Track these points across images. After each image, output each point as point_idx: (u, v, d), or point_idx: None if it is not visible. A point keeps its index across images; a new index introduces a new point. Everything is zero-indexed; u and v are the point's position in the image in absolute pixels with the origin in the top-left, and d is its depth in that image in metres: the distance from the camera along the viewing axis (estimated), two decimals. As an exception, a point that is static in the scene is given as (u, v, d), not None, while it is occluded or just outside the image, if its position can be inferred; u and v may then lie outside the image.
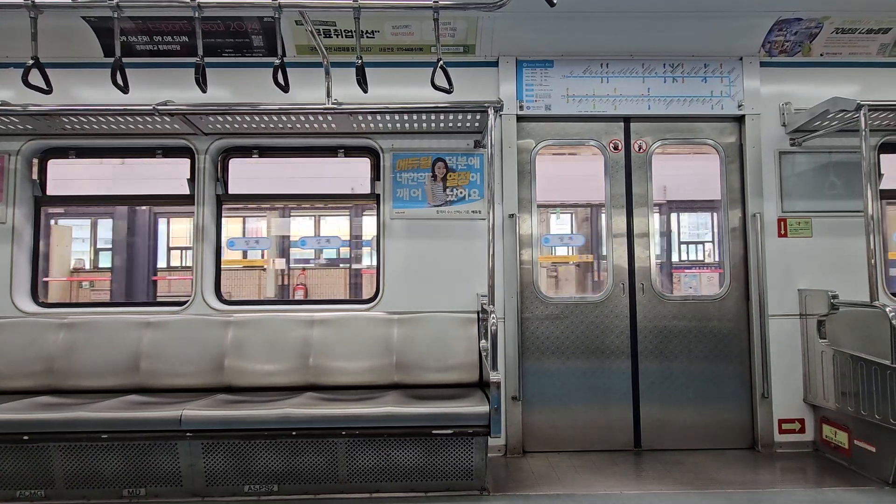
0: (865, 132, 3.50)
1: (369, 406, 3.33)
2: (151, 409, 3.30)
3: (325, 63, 3.81)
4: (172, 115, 3.74)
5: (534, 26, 4.11)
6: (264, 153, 4.41)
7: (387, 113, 3.83)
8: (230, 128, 4.09)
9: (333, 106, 3.76)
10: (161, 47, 4.20)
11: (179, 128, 4.02)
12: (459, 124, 4.08)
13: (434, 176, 4.27)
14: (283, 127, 4.08)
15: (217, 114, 3.79)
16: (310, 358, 3.93)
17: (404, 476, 3.34)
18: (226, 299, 4.34)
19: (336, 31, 4.12)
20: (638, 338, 4.28)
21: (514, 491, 3.46)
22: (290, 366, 3.91)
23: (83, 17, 3.97)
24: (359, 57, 3.34)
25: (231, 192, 4.43)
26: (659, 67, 4.34)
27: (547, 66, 4.33)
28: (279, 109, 3.74)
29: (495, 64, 4.31)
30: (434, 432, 3.25)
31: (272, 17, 3.24)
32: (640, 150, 4.40)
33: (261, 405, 3.35)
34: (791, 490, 3.48)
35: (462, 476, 3.34)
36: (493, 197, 3.65)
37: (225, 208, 4.41)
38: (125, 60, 3.32)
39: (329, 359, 3.93)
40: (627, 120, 4.40)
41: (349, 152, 4.40)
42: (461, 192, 4.27)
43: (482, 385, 3.85)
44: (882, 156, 4.41)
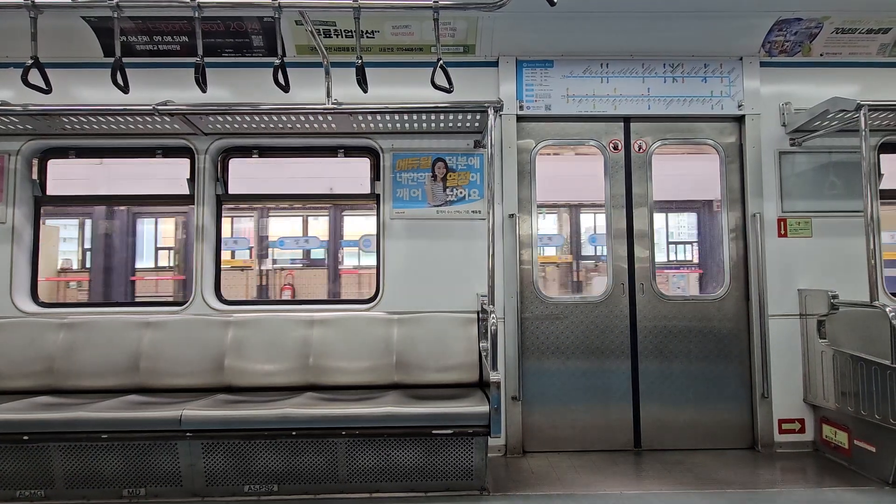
0: (865, 132, 3.50)
1: (369, 406, 3.33)
2: (151, 409, 3.30)
3: (325, 63, 3.81)
4: (172, 115, 3.74)
5: (534, 26, 4.11)
6: (264, 153, 4.41)
7: (387, 113, 3.83)
8: (230, 128, 4.09)
9: (333, 106, 3.76)
10: (161, 47, 4.20)
11: (179, 128, 4.02)
12: (459, 124, 4.08)
13: (434, 176, 4.27)
14: (283, 127, 4.08)
15: (217, 114, 3.79)
16: (310, 358, 3.93)
17: (404, 476, 3.34)
18: (226, 299, 4.34)
19: (336, 31, 4.12)
20: (638, 338, 4.28)
21: (514, 491, 3.46)
22: (290, 366, 3.91)
23: (83, 17, 3.97)
24: (359, 57, 3.34)
25: (231, 192, 4.44)
26: (659, 67, 4.34)
27: (547, 66, 4.33)
28: (279, 109, 3.74)
29: (495, 64, 4.31)
30: (434, 432, 3.25)
31: (272, 17, 3.24)
32: (640, 150, 4.40)
33: (261, 405, 3.35)
34: (791, 490, 3.48)
35: (462, 476, 3.34)
36: (493, 197, 3.65)
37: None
38: (125, 60, 3.32)
39: (329, 359, 3.93)
40: (627, 120, 4.40)
41: (349, 152, 4.41)
42: (461, 192, 4.27)
43: (482, 385, 3.85)
44: (882, 156, 4.40)
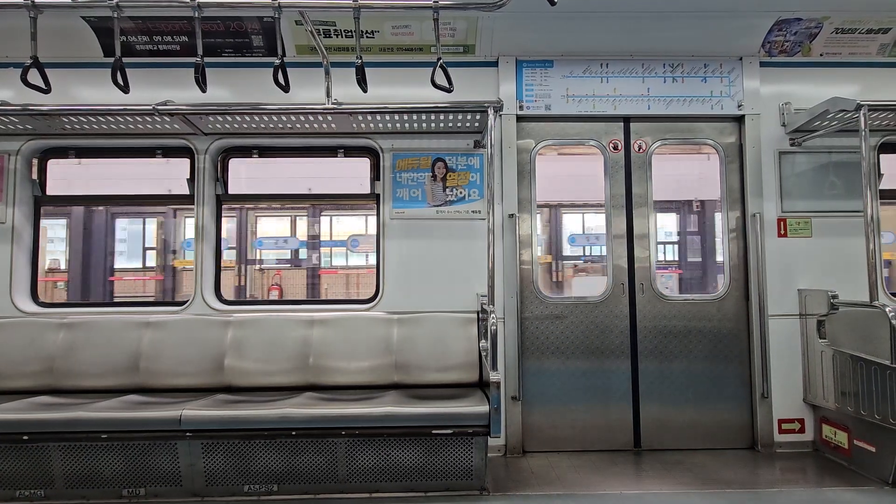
0: (865, 132, 3.50)
1: (369, 406, 3.33)
2: (151, 409, 3.30)
3: (325, 63, 3.81)
4: (172, 115, 3.74)
5: (534, 26, 4.11)
6: (264, 153, 4.41)
7: (386, 113, 3.83)
8: (230, 128, 4.09)
9: (333, 106, 3.75)
10: (161, 47, 4.20)
11: (179, 128, 4.02)
12: (459, 124, 4.08)
13: (434, 176, 4.27)
14: (283, 127, 4.08)
15: (217, 114, 3.79)
16: (309, 358, 3.93)
17: (404, 476, 3.34)
18: (226, 299, 4.34)
19: (336, 31, 4.12)
20: (638, 338, 4.28)
21: (514, 491, 3.45)
22: (290, 366, 3.91)
23: (83, 17, 3.97)
24: (359, 57, 3.34)
25: (231, 193, 4.44)
26: (659, 67, 4.34)
27: (547, 66, 4.33)
28: (279, 109, 3.74)
29: (495, 64, 4.31)
30: (434, 432, 3.25)
31: (272, 17, 3.24)
32: (640, 150, 4.40)
33: (260, 405, 3.35)
34: (791, 490, 3.48)
35: (462, 476, 3.34)
36: (493, 197, 3.65)
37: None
38: (125, 60, 3.31)
39: (329, 359, 3.93)
40: (627, 120, 4.40)
41: (349, 152, 4.41)
42: (461, 192, 4.27)
43: (482, 385, 3.85)
44: (882, 156, 4.40)
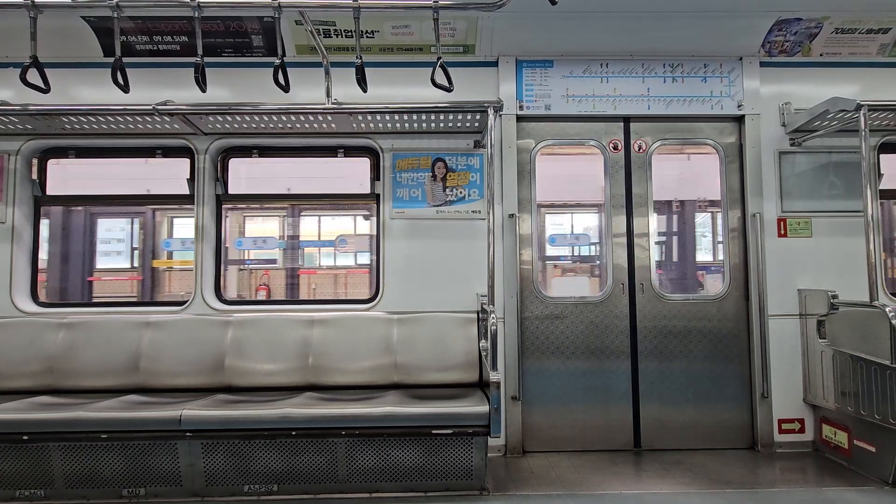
0: (865, 132, 3.50)
1: (369, 406, 3.33)
2: (151, 409, 3.30)
3: (325, 63, 3.81)
4: (172, 115, 3.74)
5: (534, 26, 4.11)
6: (264, 153, 4.41)
7: (386, 113, 3.83)
8: (230, 128, 4.09)
9: (333, 106, 3.76)
10: (161, 47, 4.20)
11: (179, 128, 4.02)
12: (459, 124, 4.08)
13: (434, 176, 4.27)
14: (283, 127, 4.08)
15: (217, 114, 3.79)
16: (309, 358, 3.93)
17: (404, 476, 3.34)
18: (226, 299, 4.34)
19: (336, 31, 4.12)
20: (638, 338, 4.28)
21: (514, 491, 3.45)
22: (290, 366, 3.91)
23: (83, 17, 3.97)
24: (358, 57, 3.34)
25: (231, 192, 4.44)
26: (659, 67, 4.34)
27: (547, 66, 4.33)
28: (279, 109, 3.74)
29: (495, 64, 4.31)
30: (434, 432, 3.25)
31: (272, 17, 3.23)
32: (640, 150, 4.40)
33: (260, 405, 3.35)
34: (791, 490, 3.48)
35: (462, 476, 3.34)
36: (493, 197, 3.65)
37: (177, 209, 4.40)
38: (125, 60, 3.31)
39: (329, 359, 3.93)
40: (627, 120, 4.40)
41: (349, 152, 4.40)
42: (461, 192, 4.26)
43: (482, 385, 3.85)
44: (882, 156, 4.41)
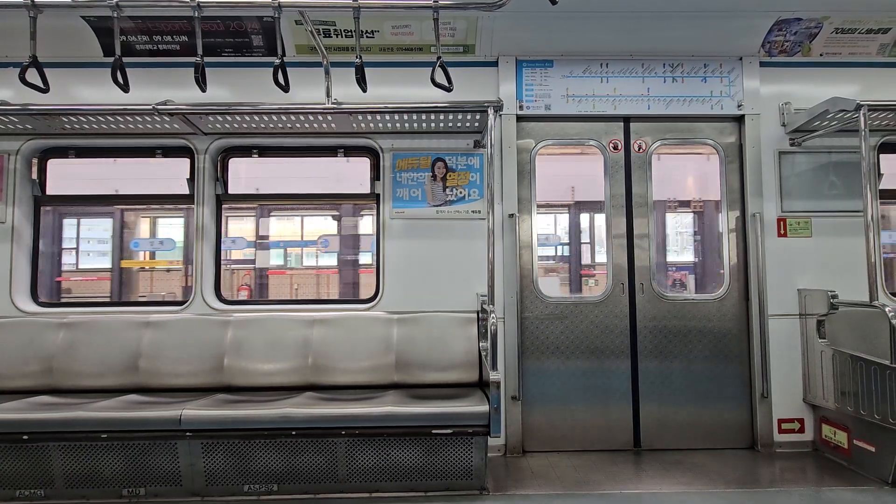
0: (865, 132, 3.50)
1: (369, 406, 3.33)
2: (151, 409, 3.30)
3: (325, 63, 3.81)
4: (172, 115, 3.74)
5: (534, 26, 4.11)
6: (264, 153, 4.41)
7: (386, 113, 3.82)
8: (230, 127, 4.09)
9: (333, 106, 3.75)
10: (161, 47, 4.20)
11: (179, 127, 4.01)
12: (459, 124, 4.08)
13: (434, 176, 4.27)
14: (283, 127, 4.08)
15: (217, 113, 3.79)
16: (309, 358, 3.92)
17: (404, 476, 3.34)
18: (225, 299, 4.34)
19: (336, 31, 4.12)
20: (637, 337, 4.28)
21: (514, 491, 3.46)
22: (290, 365, 3.91)
23: (83, 17, 3.97)
24: (358, 56, 3.34)
25: (230, 192, 4.44)
26: (659, 67, 4.34)
27: (547, 66, 4.33)
28: (279, 109, 3.74)
29: (495, 64, 4.31)
30: (434, 432, 3.26)
31: (272, 17, 3.23)
32: (640, 150, 4.40)
33: (260, 405, 3.35)
34: (790, 490, 3.48)
35: (462, 476, 3.34)
36: (493, 197, 3.65)
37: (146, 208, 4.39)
38: (125, 60, 3.31)
39: (329, 359, 3.93)
40: (627, 120, 4.40)
41: (349, 152, 4.41)
42: (461, 192, 4.26)
43: (482, 385, 3.85)
44: (882, 156, 4.41)
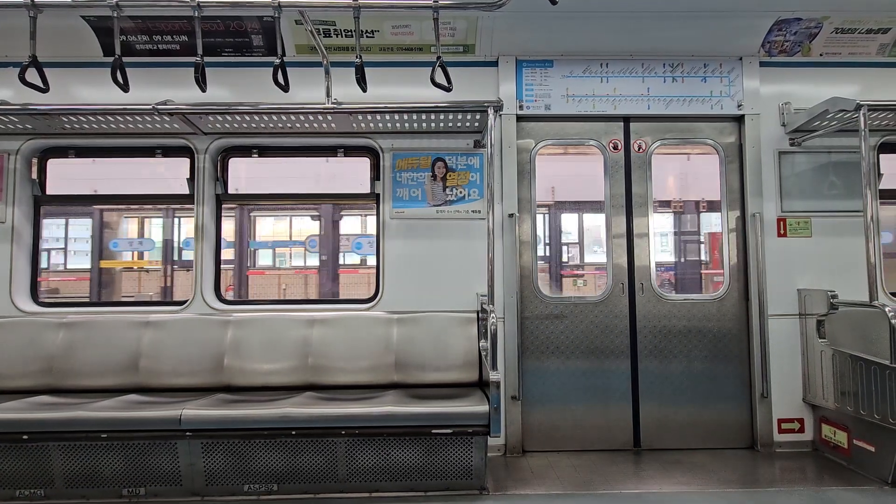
0: (865, 132, 3.50)
1: (369, 406, 3.33)
2: (151, 409, 3.30)
3: (325, 63, 3.81)
4: (172, 115, 3.74)
5: (534, 26, 4.11)
6: (264, 153, 4.41)
7: (386, 113, 3.82)
8: (230, 127, 4.09)
9: (333, 106, 3.75)
10: (161, 47, 4.20)
11: (179, 127, 4.01)
12: (459, 124, 4.08)
13: (434, 176, 4.27)
14: (283, 126, 4.08)
15: (217, 113, 3.79)
16: (309, 357, 3.93)
17: (404, 476, 3.34)
18: (225, 299, 4.34)
19: (336, 31, 4.12)
20: (637, 337, 4.28)
21: (514, 490, 3.46)
22: (290, 365, 3.91)
23: (83, 17, 3.97)
24: (358, 56, 3.34)
25: (230, 192, 4.44)
26: (659, 67, 4.34)
27: (547, 66, 4.33)
28: (279, 109, 3.74)
29: (495, 64, 4.31)
30: (434, 432, 3.26)
31: (272, 17, 3.23)
32: (640, 150, 4.40)
33: (260, 405, 3.35)
34: (790, 490, 3.48)
35: (461, 476, 3.34)
36: (493, 197, 3.65)
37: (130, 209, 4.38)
38: (125, 60, 3.31)
39: (328, 358, 3.93)
40: (627, 120, 4.40)
41: (349, 152, 4.40)
42: (461, 192, 4.27)
43: (482, 385, 3.85)
44: (881, 156, 4.40)
